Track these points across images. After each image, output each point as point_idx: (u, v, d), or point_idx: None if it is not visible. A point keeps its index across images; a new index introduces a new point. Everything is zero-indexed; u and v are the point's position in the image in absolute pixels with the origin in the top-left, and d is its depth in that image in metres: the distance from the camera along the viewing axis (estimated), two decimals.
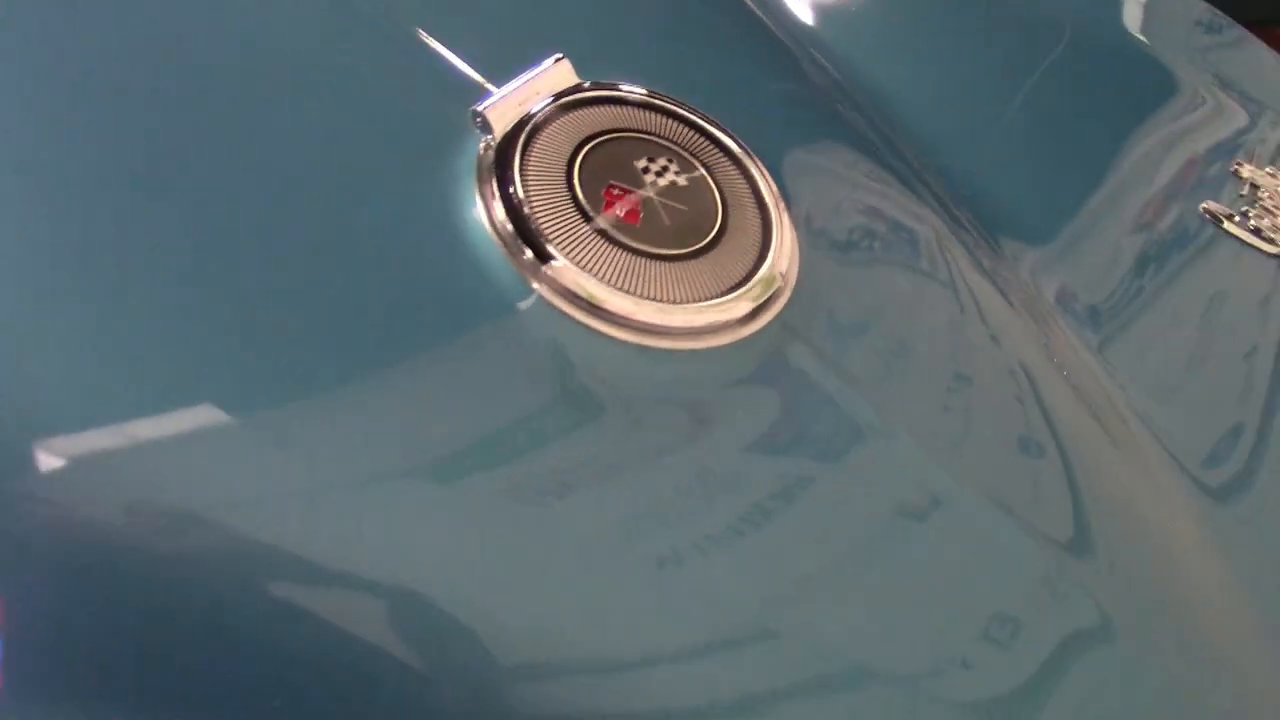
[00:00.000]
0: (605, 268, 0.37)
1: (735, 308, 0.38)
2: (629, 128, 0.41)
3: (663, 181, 0.40)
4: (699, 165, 0.41)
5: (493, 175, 0.38)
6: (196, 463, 0.31)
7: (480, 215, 0.38)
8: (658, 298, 0.37)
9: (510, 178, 0.38)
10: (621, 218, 0.38)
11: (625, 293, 0.37)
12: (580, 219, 0.38)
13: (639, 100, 0.42)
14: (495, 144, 0.39)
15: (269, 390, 0.33)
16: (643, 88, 0.43)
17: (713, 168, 0.42)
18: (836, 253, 0.45)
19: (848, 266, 0.45)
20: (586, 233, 0.38)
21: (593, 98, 0.41)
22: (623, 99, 0.42)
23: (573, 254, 0.37)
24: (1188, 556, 0.44)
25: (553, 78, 0.41)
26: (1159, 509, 0.46)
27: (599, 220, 0.38)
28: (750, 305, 0.39)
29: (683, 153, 0.42)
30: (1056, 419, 0.45)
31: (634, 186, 0.39)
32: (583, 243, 0.37)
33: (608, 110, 0.41)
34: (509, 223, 0.37)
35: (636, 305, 0.37)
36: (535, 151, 0.39)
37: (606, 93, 0.42)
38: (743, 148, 0.43)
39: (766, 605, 0.35)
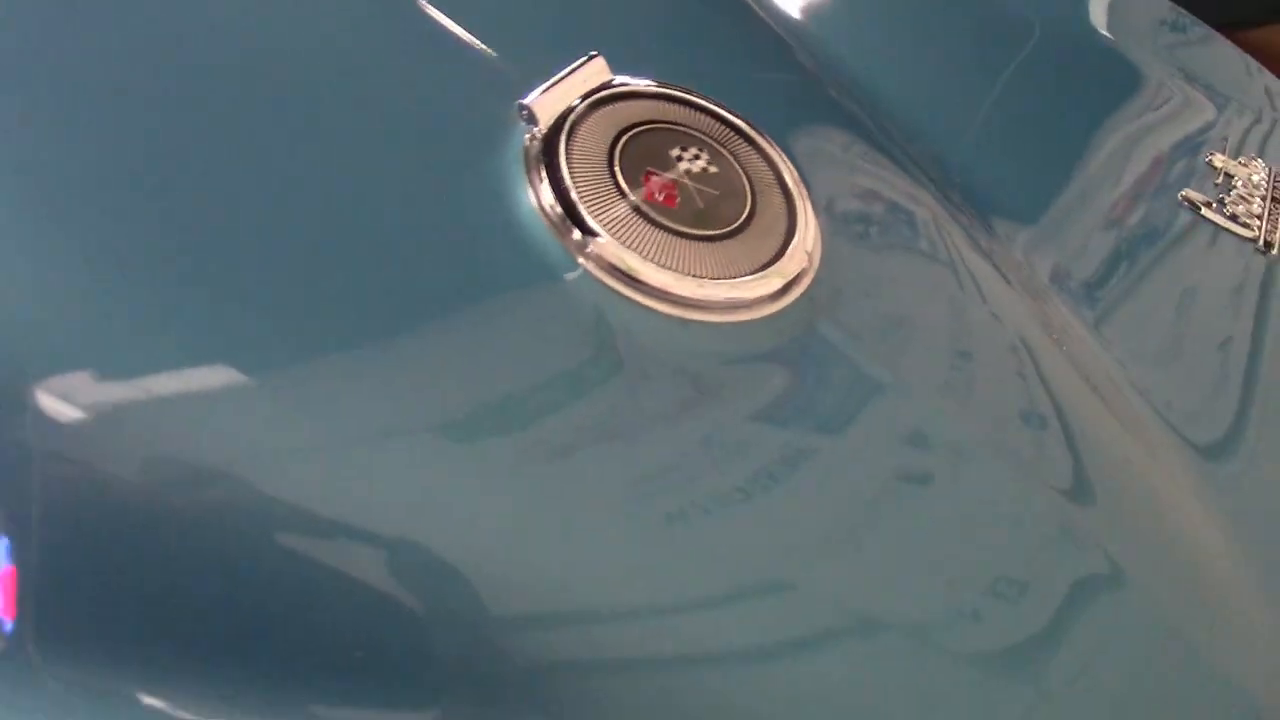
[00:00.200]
0: (646, 245, 0.40)
1: (767, 284, 0.41)
2: (661, 119, 0.44)
3: (695, 168, 0.43)
4: (727, 153, 0.44)
5: (540, 163, 0.41)
6: (261, 416, 0.33)
7: (530, 199, 0.40)
8: (695, 274, 0.40)
9: (557, 165, 0.41)
10: (660, 201, 0.41)
11: (665, 269, 0.40)
12: (622, 202, 0.41)
13: (668, 94, 0.45)
14: (541, 135, 0.41)
15: (330, 349, 0.35)
16: (669, 82, 0.46)
17: (739, 155, 0.45)
18: (852, 234, 0.48)
19: (862, 247, 0.48)
20: (628, 214, 0.40)
21: (626, 92, 0.44)
22: (653, 93, 0.45)
23: (616, 232, 0.40)
24: (1186, 511, 0.47)
25: (589, 74, 0.44)
26: (1158, 470, 0.49)
27: (639, 203, 0.41)
28: (781, 282, 0.42)
29: (711, 142, 0.45)
30: (1057, 391, 0.49)
31: (669, 173, 0.42)
32: (625, 223, 0.40)
33: (641, 103, 0.44)
34: (557, 205, 0.40)
35: (677, 280, 0.40)
36: (578, 141, 0.42)
37: (638, 87, 0.45)
38: (764, 136, 0.46)
39: (791, 557, 0.38)
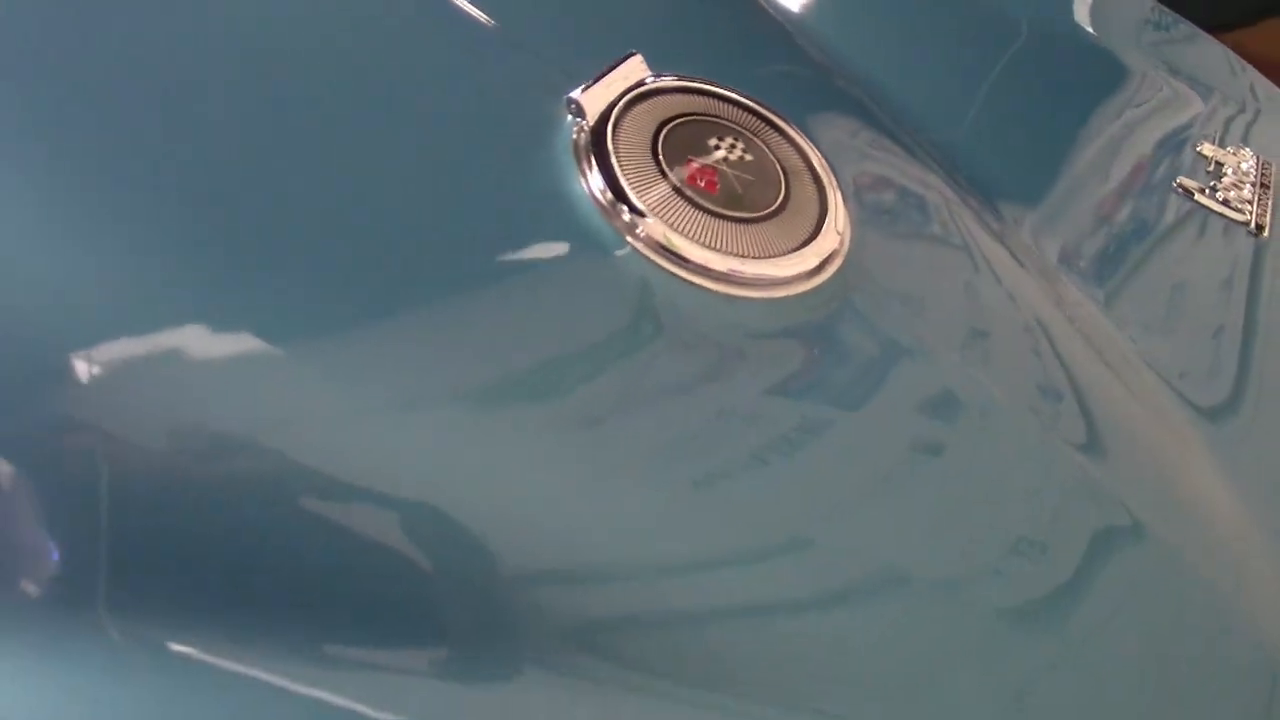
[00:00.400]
0: (690, 226, 0.43)
1: (804, 262, 0.44)
2: (697, 111, 0.47)
3: (732, 156, 0.46)
4: (759, 142, 0.47)
5: (590, 152, 0.43)
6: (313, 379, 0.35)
7: (580, 184, 0.43)
8: (736, 253, 0.43)
9: (606, 153, 0.43)
10: (701, 186, 0.44)
11: (708, 248, 0.43)
12: (666, 186, 0.43)
13: (702, 89, 0.48)
14: (589, 126, 0.44)
15: (399, 320, 0.37)
16: (701, 77, 0.49)
17: (770, 144, 0.48)
18: (876, 218, 0.51)
19: (886, 229, 0.51)
20: (672, 198, 0.43)
21: (663, 87, 0.47)
22: (689, 88, 0.48)
23: (662, 214, 0.42)
24: (1198, 471, 0.50)
25: (629, 71, 0.47)
26: (1169, 435, 0.52)
27: (682, 187, 0.44)
28: (817, 260, 0.45)
29: (744, 132, 0.47)
30: (1072, 365, 0.51)
31: (708, 160, 0.45)
32: (670, 206, 0.43)
33: (677, 98, 0.47)
34: (607, 190, 0.42)
35: (720, 258, 0.42)
36: (623, 132, 0.45)
37: (674, 83, 0.48)
38: (791, 126, 0.49)
39: (824, 515, 0.40)
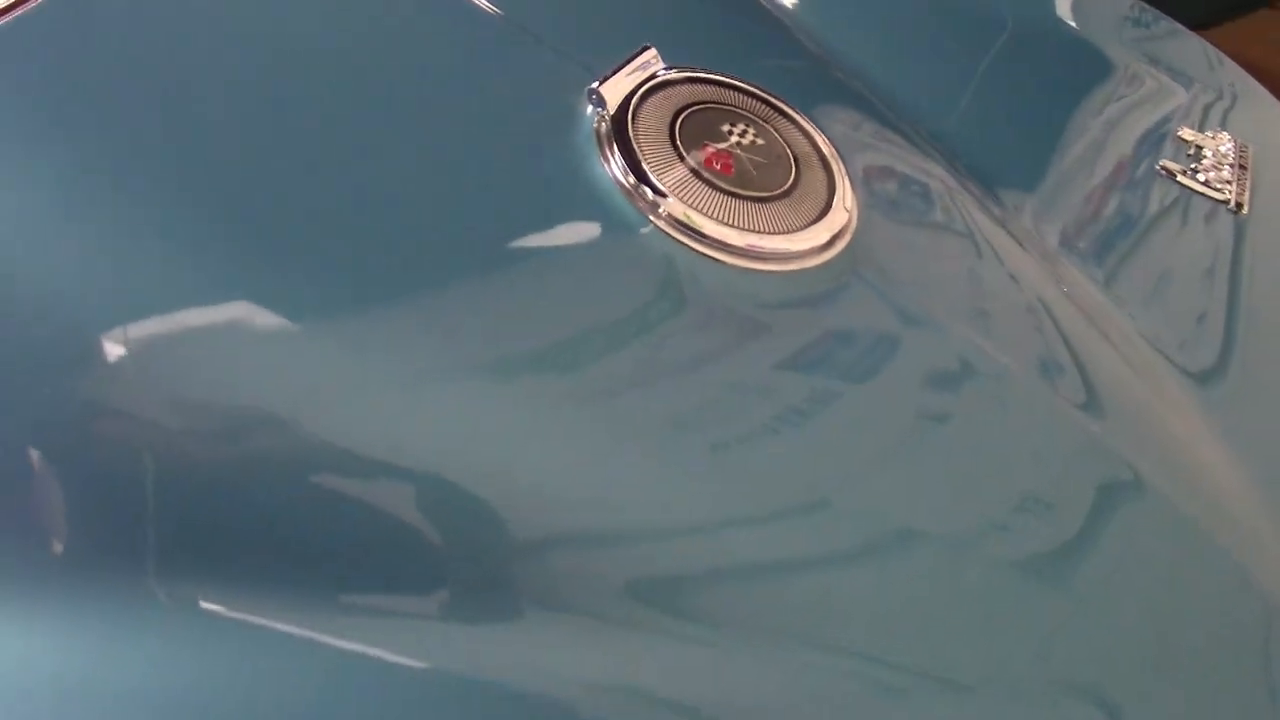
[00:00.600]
0: (708, 205, 0.45)
1: (816, 236, 0.47)
2: (710, 100, 0.50)
3: (745, 141, 0.49)
4: (770, 128, 0.50)
5: (612, 139, 0.46)
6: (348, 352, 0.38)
7: (604, 169, 0.46)
8: (753, 229, 0.46)
9: (627, 139, 0.46)
10: (718, 169, 0.47)
11: (726, 225, 0.45)
12: (686, 170, 0.46)
13: (713, 79, 0.51)
14: (610, 115, 0.47)
15: (435, 295, 0.40)
16: (711, 69, 0.51)
17: (780, 130, 0.50)
18: (882, 199, 0.54)
19: (892, 210, 0.54)
20: (691, 179, 0.46)
21: (677, 78, 0.50)
22: (701, 79, 0.51)
23: (682, 194, 0.45)
24: (1194, 433, 0.53)
25: (645, 63, 0.49)
26: (1167, 401, 0.55)
27: (700, 170, 0.46)
28: (828, 235, 0.47)
29: (755, 119, 0.50)
30: (1074, 341, 0.54)
31: (723, 145, 0.48)
32: (689, 187, 0.46)
33: (691, 87, 0.50)
34: (630, 173, 0.45)
35: (737, 234, 0.45)
36: (642, 120, 0.47)
37: (687, 74, 0.50)
38: (799, 113, 0.52)
39: (840, 475, 0.43)
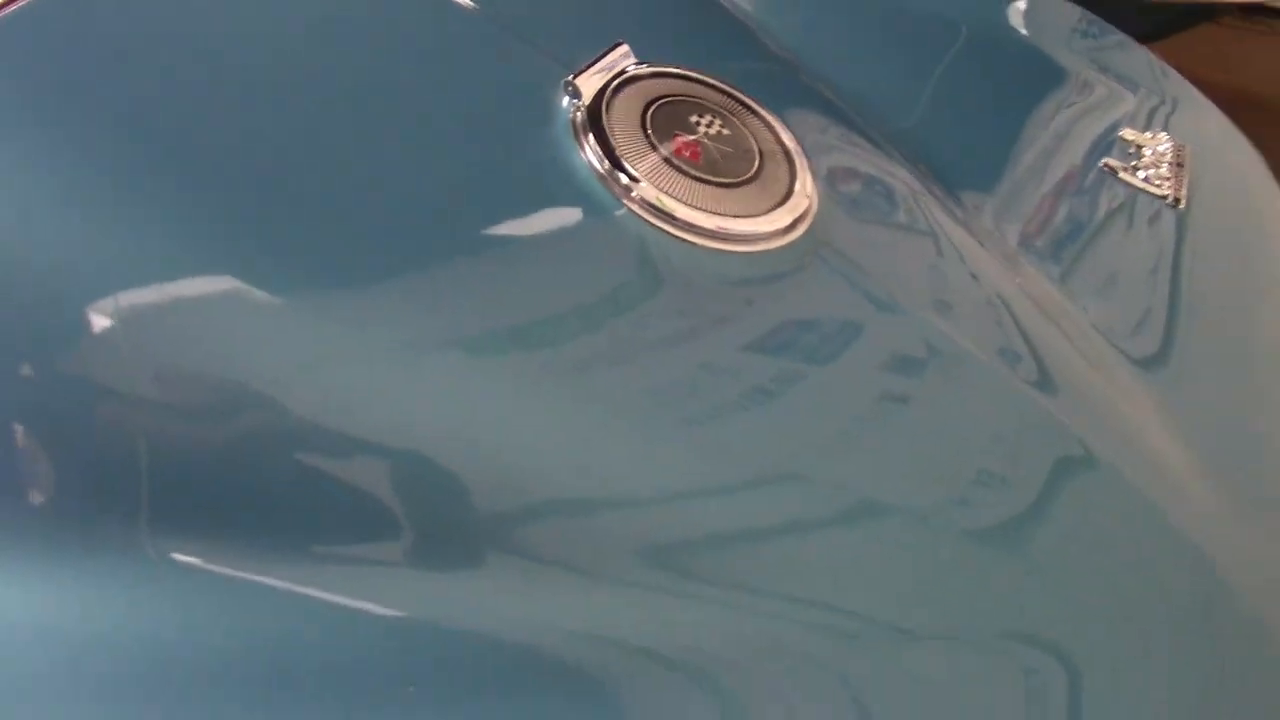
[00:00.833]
0: (679, 190, 0.49)
1: (779, 220, 0.50)
2: (679, 93, 0.53)
3: (711, 131, 0.52)
4: (734, 119, 0.53)
5: (587, 128, 0.49)
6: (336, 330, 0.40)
7: (579, 156, 0.49)
8: (720, 212, 0.49)
9: (602, 128, 0.49)
10: (687, 156, 0.50)
11: (695, 208, 0.48)
12: (657, 157, 0.49)
13: (682, 74, 0.54)
14: (586, 106, 0.50)
15: (411, 274, 0.43)
16: (680, 64, 0.55)
17: (744, 121, 0.54)
18: (843, 188, 0.57)
19: (852, 198, 0.57)
20: (662, 166, 0.49)
21: (648, 73, 0.53)
22: (670, 74, 0.54)
23: (654, 180, 0.48)
24: (1143, 417, 0.56)
25: (616, 58, 0.53)
26: (1119, 387, 0.58)
27: (670, 157, 0.49)
28: (790, 218, 0.51)
29: (721, 111, 0.53)
30: (1031, 333, 0.57)
31: (692, 135, 0.51)
32: (660, 173, 0.49)
33: (661, 82, 0.53)
34: (605, 159, 0.48)
35: (706, 217, 0.48)
36: (615, 111, 0.50)
37: (657, 69, 0.54)
38: (761, 106, 0.55)
39: (804, 448, 0.46)
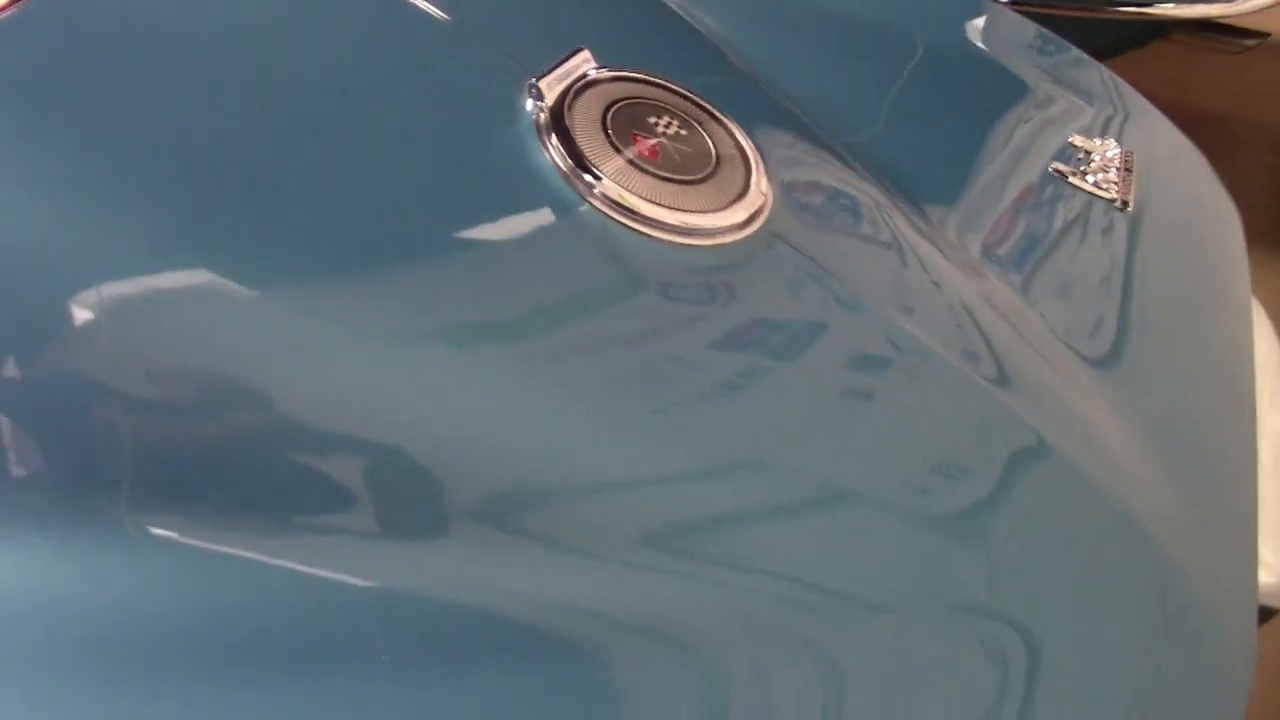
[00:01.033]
0: (640, 187, 0.51)
1: (735, 215, 0.52)
2: (637, 96, 0.55)
3: (670, 132, 0.54)
4: (691, 121, 0.56)
5: (550, 129, 0.51)
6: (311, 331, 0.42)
7: (544, 155, 0.51)
8: (679, 208, 0.51)
9: (565, 128, 0.51)
10: (647, 155, 0.52)
11: (656, 204, 0.50)
12: (618, 156, 0.51)
13: (640, 79, 0.57)
14: (549, 107, 0.52)
15: (380, 269, 0.45)
16: (639, 69, 0.57)
17: (700, 122, 0.56)
18: (798, 190, 0.59)
19: (808, 199, 0.60)
20: (624, 165, 0.51)
21: (608, 77, 0.56)
22: (629, 78, 0.56)
23: (616, 178, 0.50)
24: (1099, 416, 0.59)
25: (578, 63, 0.55)
26: (1074, 385, 0.60)
27: (631, 157, 0.52)
28: (746, 214, 0.53)
29: (678, 113, 0.56)
30: (992, 337, 0.59)
31: (651, 135, 0.53)
32: (621, 171, 0.51)
33: (620, 85, 0.56)
34: (568, 157, 0.50)
35: (666, 213, 0.50)
36: (577, 112, 0.52)
37: (617, 74, 0.56)
38: (716, 108, 0.58)
39: (766, 445, 0.48)
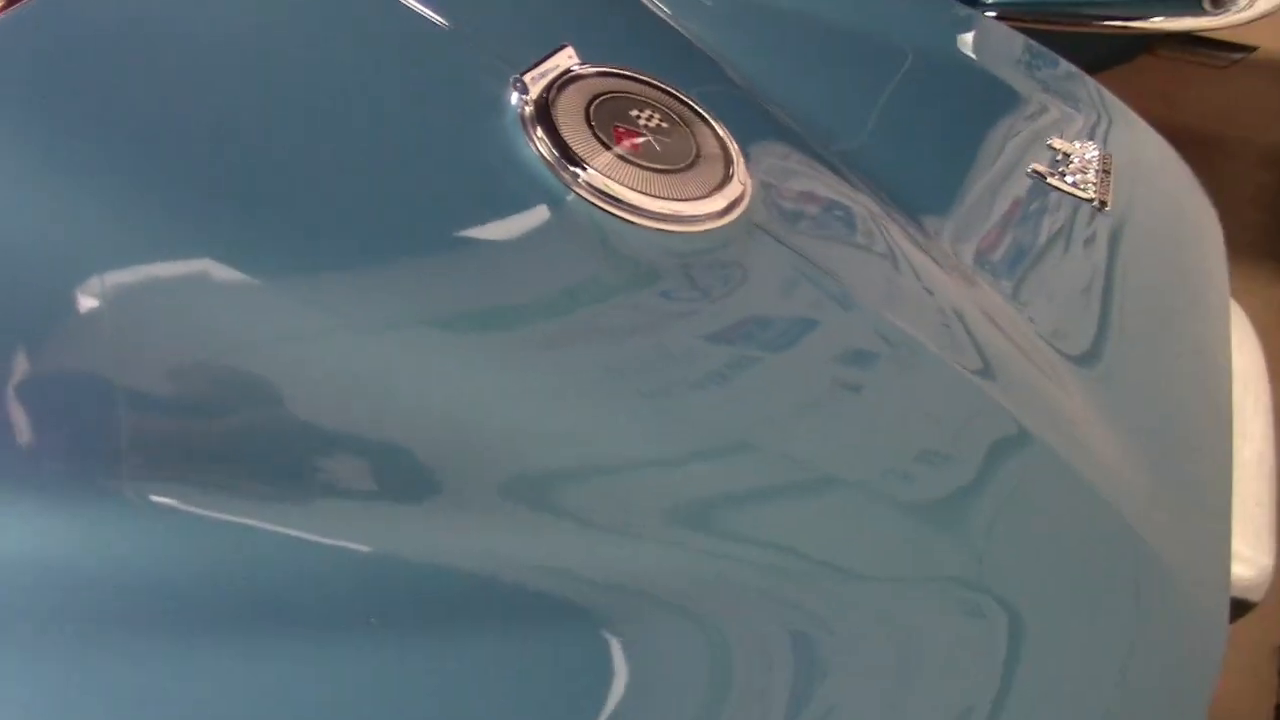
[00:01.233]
0: (624, 177, 0.52)
1: (715, 203, 0.54)
2: (619, 91, 0.57)
3: (651, 124, 0.56)
4: (671, 113, 0.57)
5: (536, 121, 0.53)
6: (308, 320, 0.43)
7: (529, 147, 0.52)
8: (662, 197, 0.52)
9: (550, 121, 0.53)
10: (629, 147, 0.54)
11: (640, 193, 0.52)
12: (602, 147, 0.53)
13: (621, 74, 0.58)
14: (533, 100, 0.54)
15: (370, 260, 0.46)
16: (620, 65, 0.59)
17: (680, 115, 0.58)
18: (776, 180, 0.61)
19: (787, 193, 0.61)
20: (608, 156, 0.53)
21: (590, 72, 0.57)
22: (610, 73, 0.58)
23: (600, 168, 0.52)
24: (1082, 414, 0.60)
25: (561, 59, 0.56)
26: (1058, 383, 0.61)
27: (615, 147, 0.53)
28: (725, 202, 0.54)
29: (661, 107, 0.57)
30: (982, 342, 0.60)
31: (633, 127, 0.55)
32: (605, 161, 0.52)
33: (602, 80, 0.57)
34: (554, 149, 0.52)
35: (650, 201, 0.52)
36: (562, 106, 0.54)
37: (599, 69, 0.58)
38: (695, 101, 0.59)
39: (752, 425, 0.49)
